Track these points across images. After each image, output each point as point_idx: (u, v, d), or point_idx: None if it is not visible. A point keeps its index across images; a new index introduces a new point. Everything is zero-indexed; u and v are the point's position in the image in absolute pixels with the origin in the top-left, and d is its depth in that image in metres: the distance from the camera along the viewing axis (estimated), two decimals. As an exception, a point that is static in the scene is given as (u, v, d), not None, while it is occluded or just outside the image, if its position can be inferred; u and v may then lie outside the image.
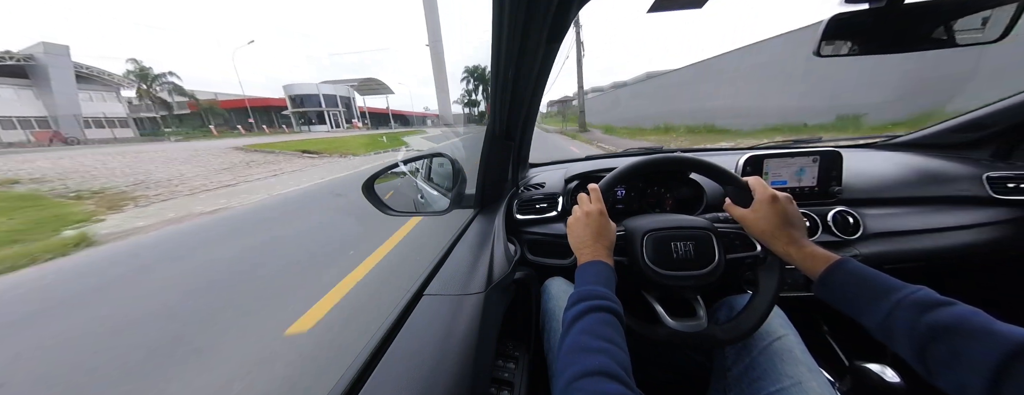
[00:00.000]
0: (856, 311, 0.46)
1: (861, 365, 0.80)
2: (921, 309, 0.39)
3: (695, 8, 0.63)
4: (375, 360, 0.44)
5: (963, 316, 0.37)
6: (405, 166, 1.22)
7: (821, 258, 0.51)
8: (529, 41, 0.54)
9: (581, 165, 1.22)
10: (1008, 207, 0.94)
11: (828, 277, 0.49)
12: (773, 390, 0.55)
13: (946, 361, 0.36)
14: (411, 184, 1.61)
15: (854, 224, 0.94)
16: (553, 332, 0.72)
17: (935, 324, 0.37)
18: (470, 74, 47.55)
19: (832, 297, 0.49)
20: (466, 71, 48.41)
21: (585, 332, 0.45)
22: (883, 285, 0.44)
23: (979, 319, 0.36)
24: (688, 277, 0.61)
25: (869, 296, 0.44)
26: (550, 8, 0.48)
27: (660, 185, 1.07)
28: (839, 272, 0.49)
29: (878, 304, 0.43)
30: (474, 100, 50.28)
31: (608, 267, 0.56)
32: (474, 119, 50.19)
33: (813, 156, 1.00)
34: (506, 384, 0.68)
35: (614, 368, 0.39)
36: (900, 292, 0.42)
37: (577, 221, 0.64)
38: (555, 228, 1.00)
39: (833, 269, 0.49)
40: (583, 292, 0.51)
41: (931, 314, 0.38)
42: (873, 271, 0.47)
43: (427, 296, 0.57)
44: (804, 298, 0.93)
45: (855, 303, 0.46)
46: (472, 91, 49.44)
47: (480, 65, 46.46)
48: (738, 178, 0.66)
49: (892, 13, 0.56)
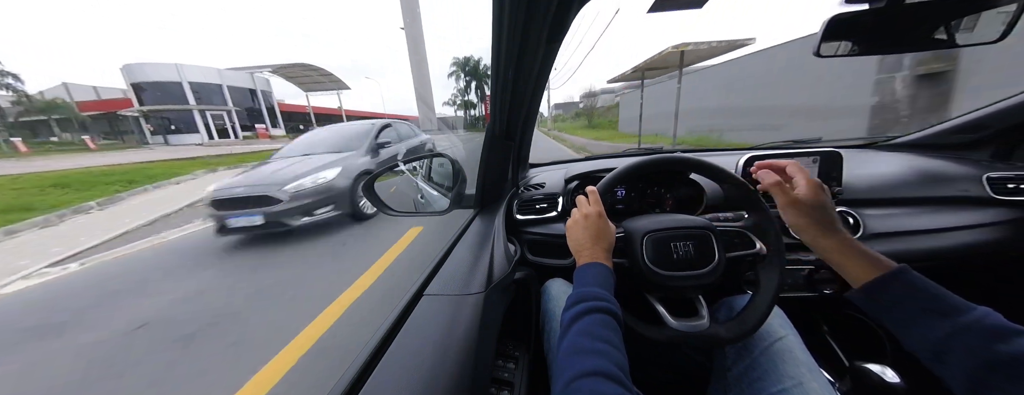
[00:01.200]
0: (905, 326, 0.42)
1: (861, 365, 0.80)
2: (991, 336, 0.36)
3: (695, 8, 0.63)
4: (375, 360, 0.44)
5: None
6: (405, 166, 1.23)
7: (874, 261, 0.46)
8: (529, 41, 0.54)
9: (581, 165, 1.22)
10: (1008, 207, 0.94)
11: (883, 285, 0.44)
12: (774, 390, 0.55)
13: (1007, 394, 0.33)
14: (411, 184, 1.61)
15: (854, 224, 0.94)
16: (553, 332, 0.72)
17: (1004, 354, 0.34)
18: (461, 68, 40.05)
19: (879, 307, 0.44)
20: (455, 63, 39.93)
21: (583, 333, 0.45)
22: (948, 304, 0.40)
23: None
24: (689, 277, 0.61)
25: (928, 314, 0.40)
26: (550, 8, 0.48)
27: (660, 185, 1.07)
28: (898, 282, 0.43)
29: (936, 323, 0.39)
30: (468, 101, 43.23)
31: (607, 269, 0.56)
32: (469, 123, 43.72)
33: (813, 156, 1.00)
34: (506, 384, 0.68)
35: (612, 369, 0.39)
36: (967, 314, 0.38)
37: (576, 224, 0.64)
38: (555, 228, 1.00)
39: (891, 278, 0.43)
40: (581, 294, 0.51)
41: (1003, 343, 0.35)
42: (936, 285, 0.42)
43: (427, 296, 0.57)
44: (804, 298, 0.93)
45: (909, 318, 0.41)
46: (465, 90, 42.42)
47: (474, 57, 40.05)
48: (736, 176, 0.67)
49: (892, 13, 0.56)
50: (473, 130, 37.98)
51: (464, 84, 42.88)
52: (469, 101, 44.07)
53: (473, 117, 45.02)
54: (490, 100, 0.74)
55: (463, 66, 41.00)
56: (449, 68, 41.27)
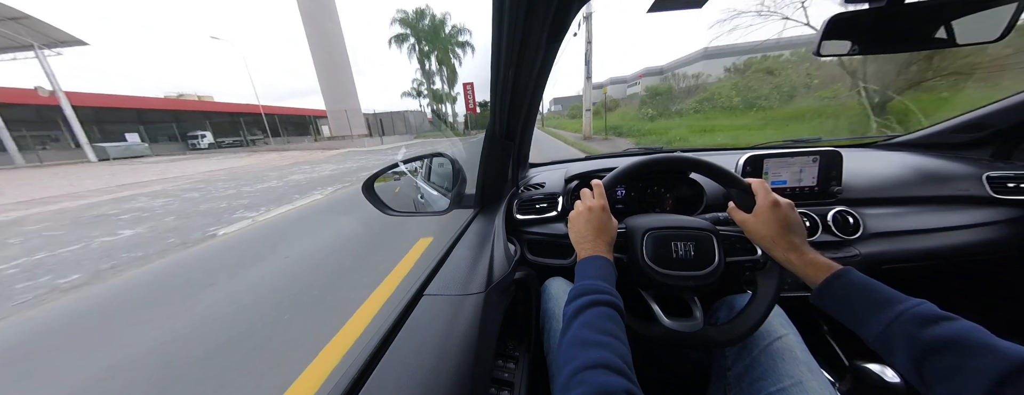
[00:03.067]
0: (855, 321, 0.46)
1: (861, 365, 0.80)
2: (922, 322, 0.39)
3: (695, 8, 0.63)
4: (375, 360, 0.44)
5: (964, 331, 0.37)
6: (405, 166, 1.22)
7: (822, 266, 0.51)
8: (529, 41, 0.54)
9: (581, 165, 1.22)
10: (1008, 207, 0.95)
11: (828, 286, 0.49)
12: (773, 390, 0.55)
13: (944, 375, 0.36)
14: (411, 184, 1.61)
15: (854, 224, 0.94)
16: (553, 332, 0.72)
17: (935, 338, 0.38)
18: (411, 27, 25.62)
19: (831, 306, 0.49)
20: (402, 21, 25.43)
21: (586, 326, 0.45)
22: (884, 296, 0.44)
23: (979, 335, 0.36)
24: (687, 277, 0.61)
25: (869, 307, 0.44)
26: (550, 8, 0.48)
27: (660, 185, 1.07)
28: (840, 282, 0.48)
29: (878, 315, 0.43)
30: (436, 91, 27.98)
31: (608, 262, 0.57)
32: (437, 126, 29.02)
33: (813, 156, 1.00)
34: (506, 384, 0.68)
35: (616, 361, 0.39)
36: (902, 304, 0.42)
37: (579, 216, 0.64)
38: (555, 228, 1.00)
39: (834, 279, 0.48)
40: (584, 287, 0.51)
41: (932, 328, 0.38)
42: (875, 282, 0.46)
43: (427, 296, 0.57)
44: (804, 298, 0.93)
45: (854, 313, 0.46)
46: (423, 67, 27.25)
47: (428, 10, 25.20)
48: (741, 180, 0.66)
49: (892, 13, 0.56)
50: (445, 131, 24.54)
51: (419, 57, 27.09)
52: (437, 91, 28.56)
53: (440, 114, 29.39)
54: (490, 100, 0.74)
55: (414, 25, 25.64)
56: (392, 27, 25.26)
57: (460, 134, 25.46)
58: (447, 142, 16.55)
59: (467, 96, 28.73)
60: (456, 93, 30.91)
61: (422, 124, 29.74)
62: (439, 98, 29.63)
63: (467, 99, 28.77)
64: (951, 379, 0.36)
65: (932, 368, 0.37)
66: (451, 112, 32.06)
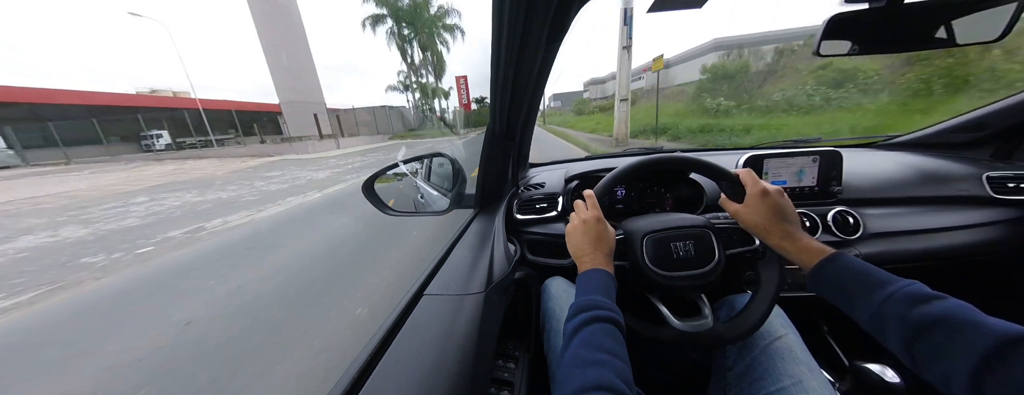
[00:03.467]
0: (848, 304, 0.46)
1: (861, 365, 0.80)
2: (912, 302, 0.40)
3: (695, 8, 0.63)
4: (375, 360, 0.44)
5: (952, 309, 0.37)
6: (405, 166, 1.22)
7: (815, 251, 0.51)
8: (529, 41, 0.54)
9: (581, 165, 1.22)
10: (1008, 207, 0.94)
11: (821, 270, 0.49)
12: (773, 389, 0.55)
13: (933, 353, 0.37)
14: (411, 184, 1.61)
15: (854, 224, 0.94)
16: (553, 331, 0.72)
17: (925, 317, 0.38)
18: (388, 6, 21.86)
19: (824, 290, 0.49)
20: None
21: (585, 344, 0.45)
22: (876, 278, 0.44)
23: (967, 312, 0.37)
24: (690, 276, 0.61)
25: (861, 289, 0.44)
26: (550, 8, 0.48)
27: (660, 185, 1.07)
28: (833, 265, 0.49)
29: (870, 297, 0.43)
30: (424, 85, 24.69)
31: (608, 275, 0.56)
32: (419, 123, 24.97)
33: (813, 156, 1.00)
34: (506, 384, 0.68)
35: (614, 381, 0.39)
36: (892, 285, 0.42)
37: (575, 229, 0.64)
38: (555, 228, 1.00)
39: (826, 262, 0.49)
40: (583, 303, 0.51)
41: (922, 307, 0.39)
42: (866, 264, 0.47)
43: (427, 296, 0.57)
44: (804, 298, 0.93)
45: (847, 296, 0.46)
46: (403, 52, 23.76)
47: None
48: (729, 172, 0.66)
49: (892, 13, 0.56)
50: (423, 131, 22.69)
51: (399, 43, 23.71)
52: (423, 85, 25.01)
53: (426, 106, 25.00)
54: (490, 100, 0.74)
55: (391, 2, 22.23)
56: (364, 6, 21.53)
57: (447, 133, 21.83)
58: (431, 141, 14.64)
59: (461, 91, 26.19)
60: (449, 88, 27.28)
61: (401, 121, 25.88)
62: (425, 92, 26.03)
63: (461, 94, 26.31)
64: (940, 356, 0.36)
65: (922, 347, 0.38)
66: (440, 107, 28.21)
